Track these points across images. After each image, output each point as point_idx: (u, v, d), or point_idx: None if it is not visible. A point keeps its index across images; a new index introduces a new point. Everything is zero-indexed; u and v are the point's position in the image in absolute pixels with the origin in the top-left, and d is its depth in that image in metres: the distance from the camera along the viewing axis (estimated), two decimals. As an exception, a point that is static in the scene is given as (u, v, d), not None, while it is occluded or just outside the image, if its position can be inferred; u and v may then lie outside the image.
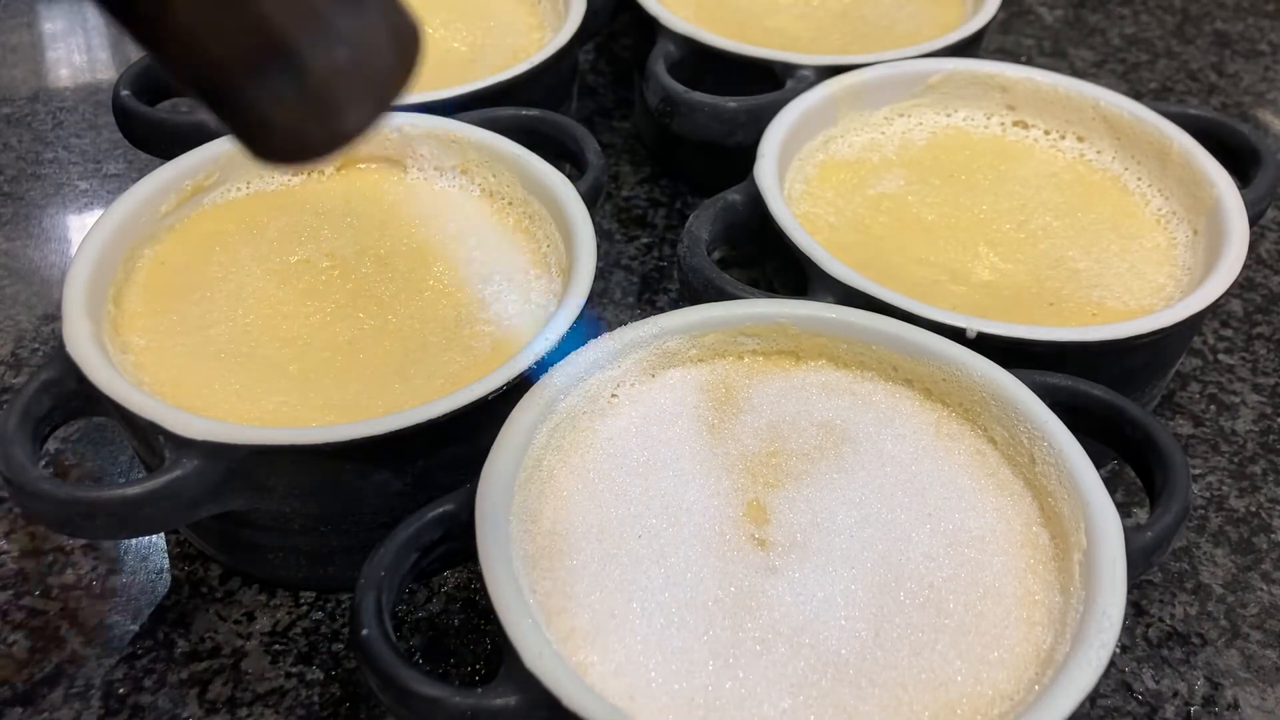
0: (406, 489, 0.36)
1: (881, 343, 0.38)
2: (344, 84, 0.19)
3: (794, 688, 0.30)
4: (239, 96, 0.18)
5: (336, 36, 0.18)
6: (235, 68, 0.18)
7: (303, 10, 0.18)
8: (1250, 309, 0.54)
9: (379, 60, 0.19)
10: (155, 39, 0.18)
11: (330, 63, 0.18)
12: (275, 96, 0.18)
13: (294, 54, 0.18)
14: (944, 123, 0.52)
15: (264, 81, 0.18)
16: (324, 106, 0.19)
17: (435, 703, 0.29)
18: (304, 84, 0.18)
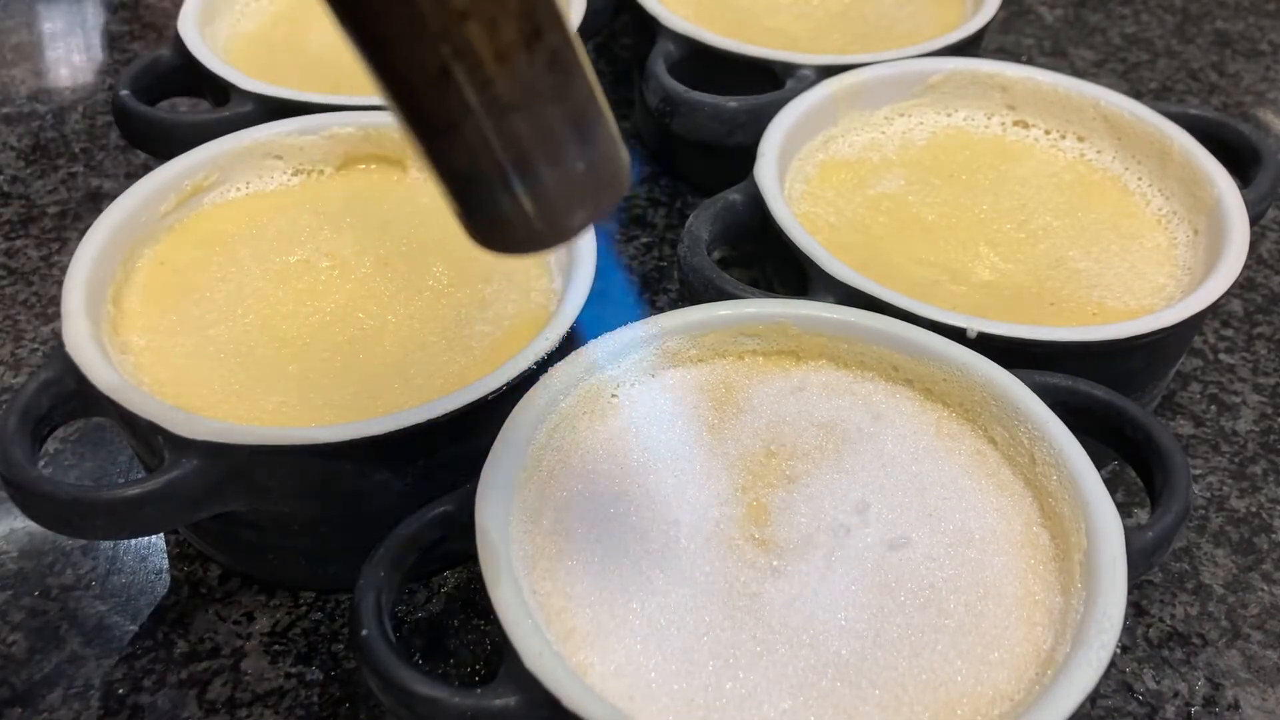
0: (406, 489, 0.36)
1: (882, 343, 0.38)
2: (572, 196, 0.23)
3: (794, 688, 0.30)
4: (486, 198, 0.22)
5: (571, 158, 0.22)
6: (491, 175, 0.22)
7: (549, 136, 0.22)
8: (1251, 309, 0.54)
9: (599, 181, 0.23)
10: (434, 145, 0.22)
11: (564, 179, 0.22)
12: (516, 202, 0.22)
13: (536, 170, 0.22)
14: (944, 122, 0.52)
15: (509, 188, 0.22)
16: (554, 212, 0.23)
17: (435, 703, 0.28)
18: (540, 194, 0.22)
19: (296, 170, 0.46)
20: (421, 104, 0.21)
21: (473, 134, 0.21)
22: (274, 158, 0.46)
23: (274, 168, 0.46)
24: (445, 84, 0.20)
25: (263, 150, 0.45)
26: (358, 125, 0.46)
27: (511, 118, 0.21)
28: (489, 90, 0.21)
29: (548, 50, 0.21)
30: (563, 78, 0.21)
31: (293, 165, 0.46)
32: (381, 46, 0.21)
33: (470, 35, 0.20)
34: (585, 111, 0.22)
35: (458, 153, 0.22)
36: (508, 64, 0.20)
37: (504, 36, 0.20)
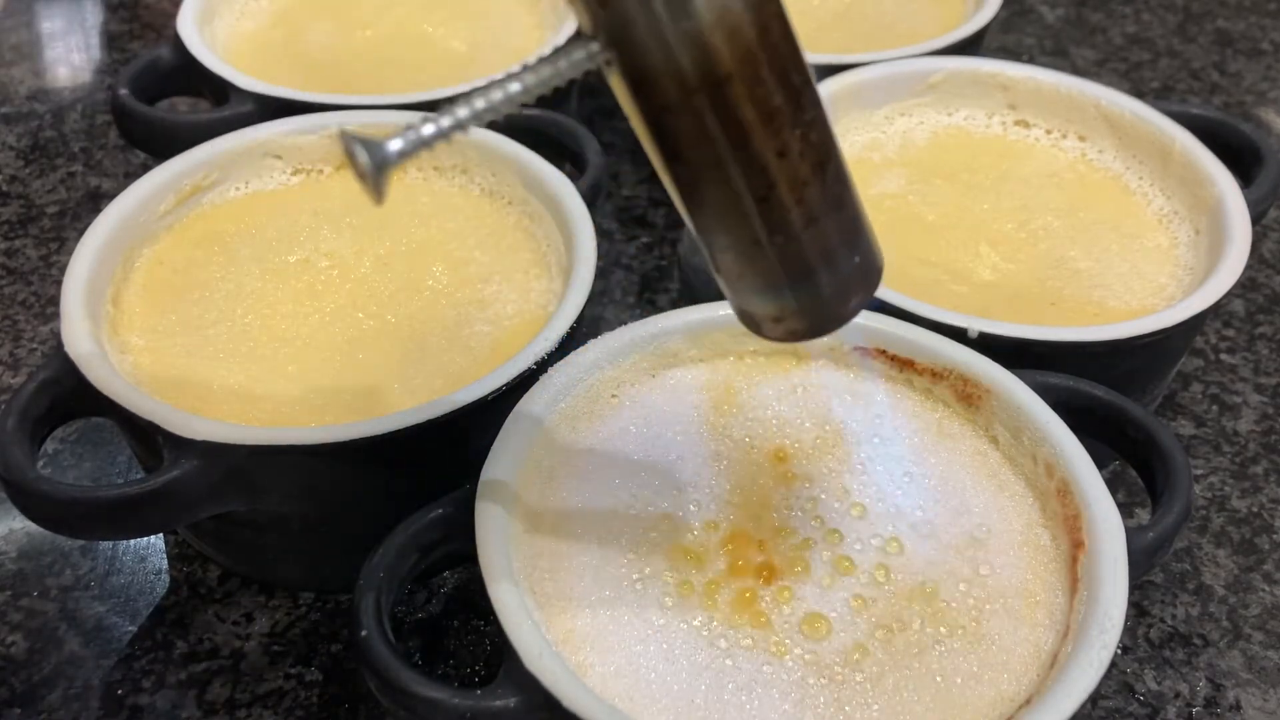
0: (405, 490, 0.36)
1: (882, 343, 0.38)
2: (847, 293, 0.27)
3: (794, 689, 0.30)
4: (758, 297, 0.27)
5: (848, 261, 0.26)
6: (768, 283, 0.26)
7: (831, 245, 0.26)
8: (1252, 309, 0.53)
9: (863, 282, 0.27)
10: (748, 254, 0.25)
11: (844, 278, 0.26)
12: (783, 306, 0.26)
13: (818, 273, 0.26)
14: (945, 122, 0.52)
15: (781, 296, 0.26)
16: (810, 318, 0.27)
17: (435, 704, 0.28)
18: (826, 291, 0.26)
19: (296, 170, 0.46)
20: (706, 220, 0.25)
21: (748, 247, 0.25)
22: (273, 157, 0.46)
23: (273, 167, 0.46)
24: (766, 204, 0.24)
25: (262, 150, 0.45)
26: (357, 124, 0.46)
27: (811, 229, 0.25)
28: (800, 207, 0.25)
29: (835, 169, 0.25)
30: (843, 190, 0.25)
31: (292, 165, 0.46)
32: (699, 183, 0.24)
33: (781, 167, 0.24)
34: (857, 220, 0.26)
35: (738, 260, 0.26)
36: (811, 185, 0.24)
37: (804, 168, 0.24)
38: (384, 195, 0.21)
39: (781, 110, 0.23)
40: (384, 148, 0.21)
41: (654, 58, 0.22)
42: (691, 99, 0.22)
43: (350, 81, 0.53)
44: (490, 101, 0.22)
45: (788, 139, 0.23)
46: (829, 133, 0.24)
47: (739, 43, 0.22)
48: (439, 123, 0.21)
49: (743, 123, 0.23)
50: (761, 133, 0.23)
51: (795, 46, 0.23)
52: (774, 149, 0.23)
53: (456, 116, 0.22)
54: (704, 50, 0.22)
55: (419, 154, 0.21)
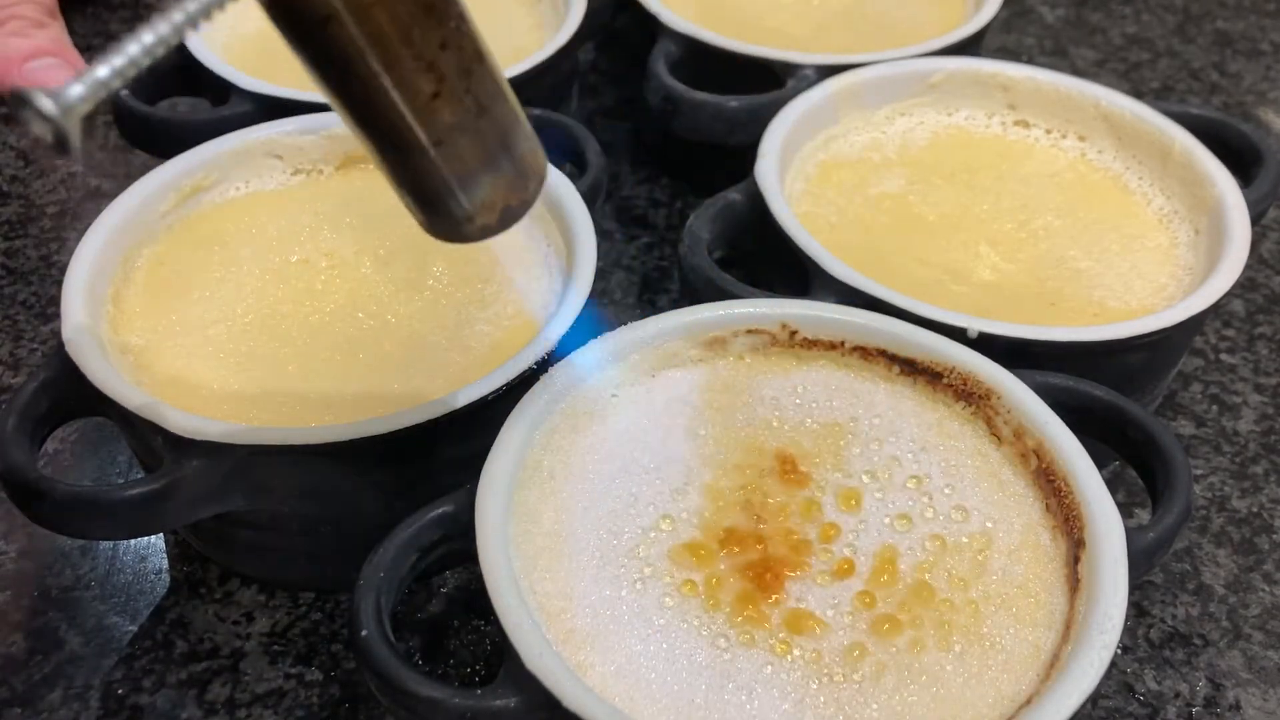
0: (405, 489, 0.36)
1: (882, 343, 0.38)
2: (498, 204, 0.28)
3: (795, 689, 0.30)
4: (436, 204, 0.28)
5: (497, 176, 0.28)
6: (441, 190, 0.27)
7: (485, 157, 0.27)
8: (1252, 309, 0.53)
9: (524, 186, 0.29)
10: (395, 167, 0.27)
11: (492, 193, 0.28)
12: (463, 208, 0.28)
13: (477, 184, 0.27)
14: (945, 122, 0.52)
15: (457, 199, 0.27)
16: (491, 213, 0.28)
17: (435, 704, 0.28)
18: (481, 201, 0.28)
19: (296, 170, 0.46)
20: (381, 134, 0.26)
21: (419, 157, 0.26)
22: (274, 157, 0.46)
23: (274, 167, 0.46)
24: (400, 119, 0.25)
25: (262, 150, 0.45)
26: None
27: (484, 118, 0.26)
28: (432, 121, 0.25)
29: (490, 59, 0.26)
30: (500, 79, 0.27)
31: (292, 165, 0.46)
32: (355, 98, 0.25)
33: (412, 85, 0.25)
34: (507, 128, 0.27)
35: (411, 172, 0.27)
36: (475, 73, 0.26)
37: (427, 86, 0.25)
38: (75, 145, 0.20)
39: (435, 3, 0.24)
40: (64, 93, 0.20)
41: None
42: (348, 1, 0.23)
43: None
44: (159, 34, 0.21)
45: (447, 30, 0.25)
46: (473, 25, 0.26)
47: None
48: (111, 62, 0.21)
49: (403, 17, 0.24)
50: (423, 26, 0.24)
51: None
52: (438, 42, 0.24)
53: (128, 53, 0.21)
54: None
55: (98, 97, 0.20)
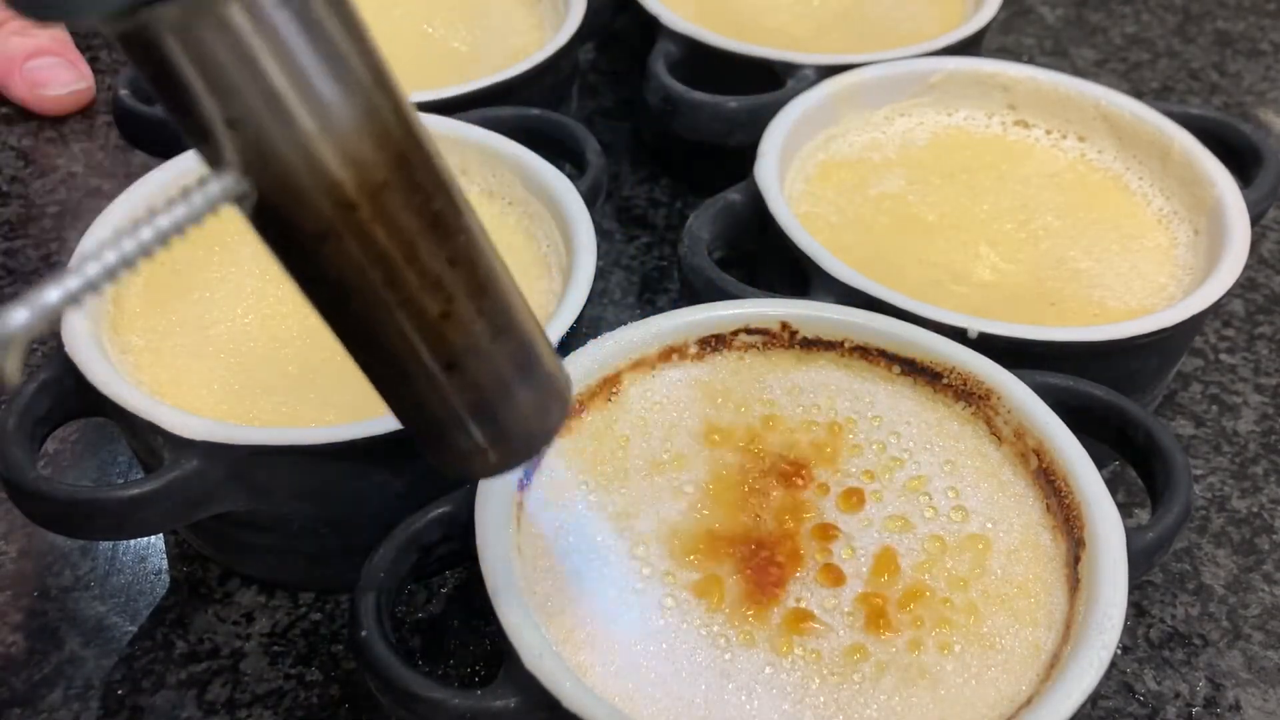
0: (406, 489, 0.36)
1: (882, 343, 0.38)
2: (520, 432, 0.25)
3: (795, 689, 0.30)
4: (448, 437, 0.25)
5: (516, 404, 0.25)
6: (447, 420, 0.24)
7: (496, 388, 0.24)
8: (1252, 309, 0.53)
9: (546, 415, 0.26)
10: (396, 398, 0.24)
11: (512, 422, 0.25)
12: (474, 441, 0.25)
13: (491, 413, 0.24)
14: (945, 122, 0.52)
15: (468, 431, 0.24)
16: (507, 447, 0.25)
17: (435, 704, 0.28)
18: (496, 433, 0.25)
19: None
20: (383, 360, 0.23)
21: (425, 385, 0.23)
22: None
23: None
24: (403, 343, 0.22)
25: (262, 150, 0.45)
26: None
27: (501, 340, 0.24)
28: (440, 344, 0.23)
29: (504, 272, 0.24)
30: (517, 294, 0.24)
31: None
32: (353, 322, 0.23)
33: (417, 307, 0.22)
34: (525, 351, 0.24)
35: (415, 401, 0.24)
36: (489, 291, 0.23)
37: (479, 273, 0.23)
38: (15, 377, 0.17)
39: (444, 214, 0.22)
40: (5, 321, 0.17)
41: (297, 176, 0.19)
42: (349, 216, 0.20)
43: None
44: (123, 254, 0.19)
45: (456, 245, 0.22)
46: (486, 237, 0.23)
47: (390, 145, 0.20)
48: (66, 285, 0.18)
49: (409, 231, 0.21)
50: (430, 240, 0.21)
51: (434, 147, 0.21)
52: (446, 257, 0.22)
53: (86, 276, 0.18)
54: (356, 157, 0.20)
55: (46, 324, 0.18)
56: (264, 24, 0.18)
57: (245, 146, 0.19)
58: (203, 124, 0.19)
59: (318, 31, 0.19)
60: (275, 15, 0.18)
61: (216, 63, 0.18)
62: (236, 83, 0.18)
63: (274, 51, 0.19)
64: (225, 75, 0.18)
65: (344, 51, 0.19)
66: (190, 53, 0.18)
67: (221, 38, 0.18)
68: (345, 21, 0.20)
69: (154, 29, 0.18)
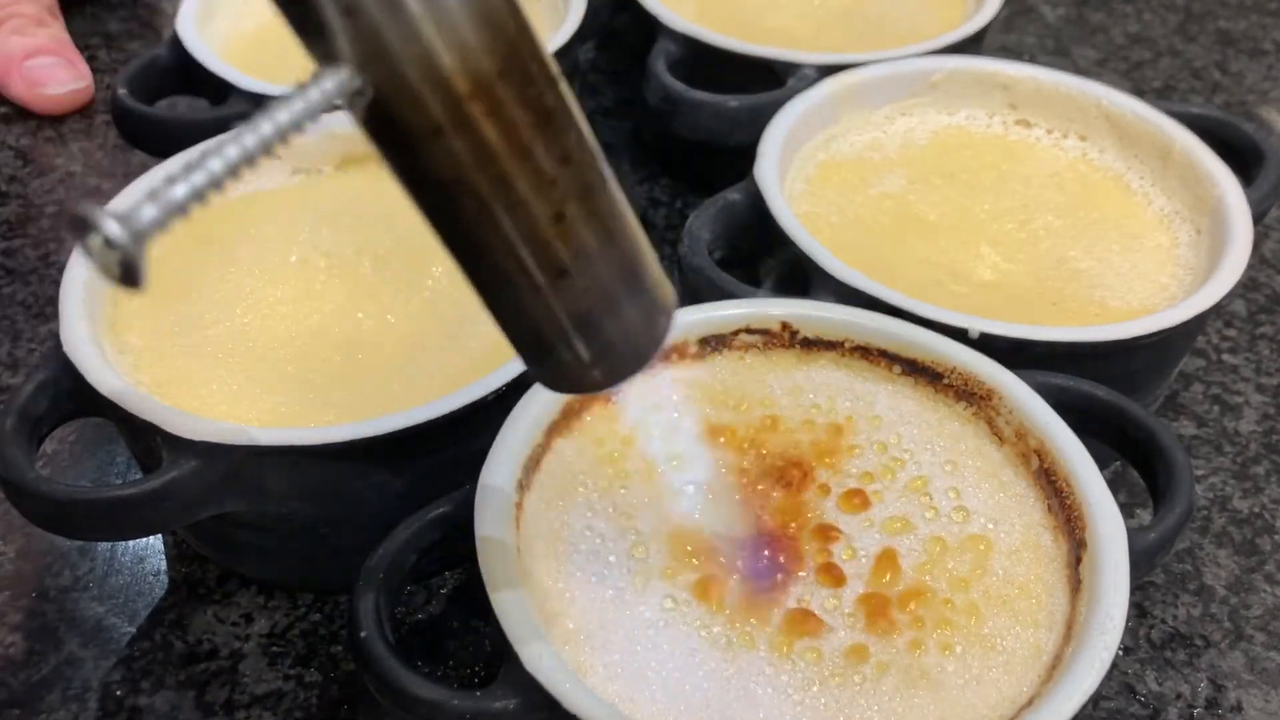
0: (405, 490, 0.36)
1: (883, 343, 0.37)
2: (625, 346, 0.25)
3: (795, 690, 0.30)
4: (553, 350, 0.24)
5: (623, 314, 0.24)
6: (555, 332, 0.24)
7: (605, 297, 0.23)
8: (1254, 309, 0.53)
9: (652, 328, 0.25)
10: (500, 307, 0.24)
11: (619, 333, 0.24)
12: (578, 355, 0.24)
13: (599, 325, 0.24)
14: (946, 122, 0.52)
15: (572, 344, 0.24)
16: (613, 361, 0.25)
17: (434, 705, 0.28)
18: (602, 346, 0.24)
19: (295, 169, 0.46)
20: (491, 267, 0.23)
21: (533, 293, 0.23)
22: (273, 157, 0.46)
23: (273, 167, 0.46)
24: (514, 249, 0.22)
25: (262, 149, 0.45)
26: None
27: (611, 245, 0.23)
28: (551, 251, 0.22)
29: (610, 175, 0.23)
30: (622, 198, 0.23)
31: (292, 164, 0.46)
32: (463, 225, 0.22)
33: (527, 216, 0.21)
34: (634, 258, 0.24)
35: (521, 311, 0.24)
36: (599, 191, 0.22)
37: (546, 209, 0.22)
38: (142, 277, 0.17)
39: (556, 108, 0.21)
40: (136, 216, 0.18)
41: (416, 68, 0.19)
42: (465, 108, 0.20)
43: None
44: (244, 148, 0.19)
45: (568, 142, 0.21)
46: (594, 137, 0.22)
47: (502, 36, 0.20)
48: (191, 181, 0.18)
49: (523, 126, 0.20)
50: (546, 135, 0.21)
51: (542, 44, 0.21)
52: (559, 154, 0.21)
53: (210, 171, 0.18)
54: (470, 47, 0.19)
55: (173, 220, 0.18)
56: None
57: (361, 36, 0.19)
58: (319, 14, 0.18)
59: None
60: None
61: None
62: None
63: None
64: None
65: None
66: None
67: None
68: None
69: None
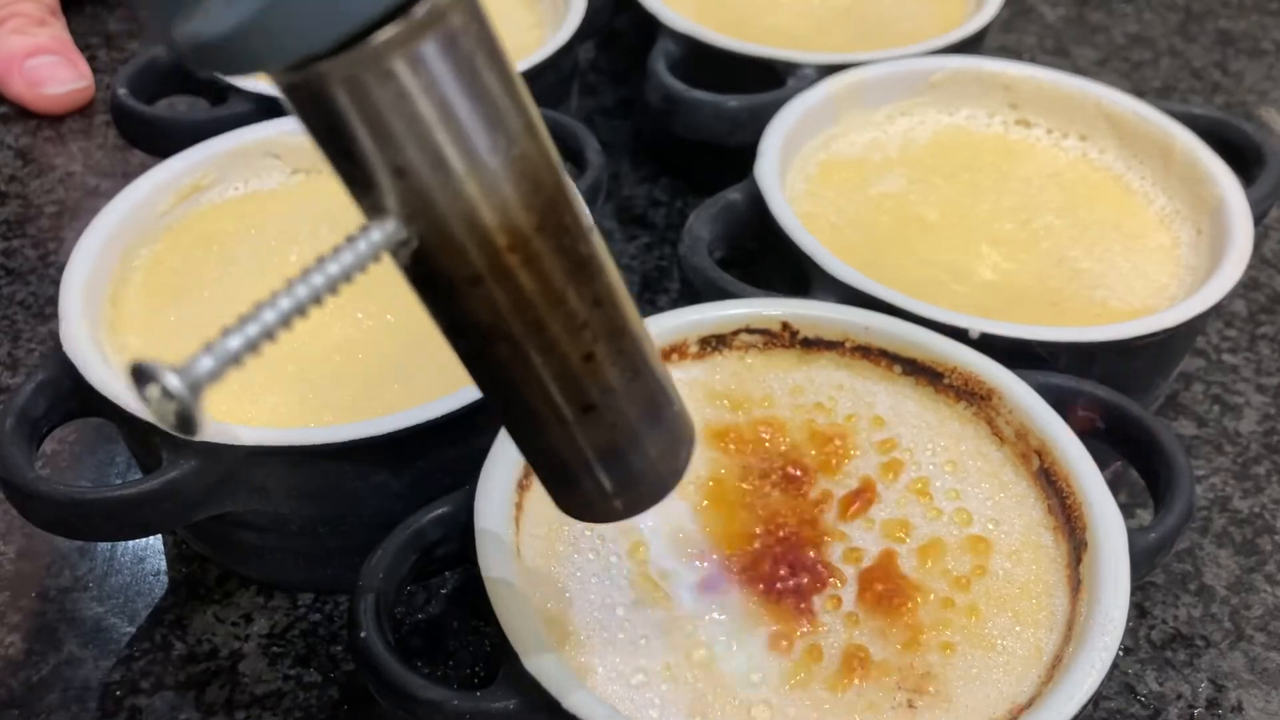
0: (405, 490, 0.36)
1: (883, 343, 0.37)
2: (648, 477, 0.25)
3: (796, 690, 0.29)
4: (577, 481, 0.25)
5: (645, 447, 0.24)
6: (579, 465, 0.24)
7: (629, 431, 0.24)
8: (1254, 309, 0.53)
9: (674, 458, 0.26)
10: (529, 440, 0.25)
11: (642, 465, 0.25)
12: (600, 484, 0.25)
13: (623, 457, 0.24)
14: (946, 121, 0.52)
15: (595, 476, 0.25)
16: (635, 491, 0.25)
17: (434, 706, 0.28)
18: (625, 477, 0.25)
19: (295, 169, 0.46)
20: (522, 404, 0.23)
21: (560, 428, 0.24)
22: (272, 157, 0.46)
23: (272, 167, 0.46)
24: (544, 387, 0.23)
25: (261, 149, 0.45)
26: None
27: (636, 381, 0.24)
28: (580, 389, 0.23)
29: (637, 314, 0.24)
30: (632, 375, 0.24)
31: (291, 164, 0.46)
32: (497, 365, 0.23)
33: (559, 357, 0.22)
34: (657, 391, 0.25)
35: (548, 445, 0.24)
36: (627, 331, 0.23)
37: (617, 315, 0.23)
38: (199, 425, 0.18)
39: (589, 256, 0.22)
40: (193, 369, 0.19)
41: (459, 222, 0.20)
42: (504, 259, 0.21)
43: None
44: (296, 299, 0.20)
45: (598, 288, 0.22)
46: (620, 279, 0.23)
47: (541, 192, 0.21)
48: (245, 332, 0.19)
49: (557, 274, 0.21)
50: (578, 281, 0.22)
51: (576, 195, 0.22)
52: (591, 298, 0.22)
53: (264, 322, 0.19)
54: (510, 204, 0.20)
55: (228, 369, 0.19)
56: (428, 77, 0.19)
57: (409, 194, 0.20)
58: (368, 173, 0.20)
59: (478, 83, 0.19)
60: (438, 67, 0.19)
61: (384, 114, 0.19)
62: (403, 133, 0.19)
63: (437, 103, 0.19)
64: (392, 126, 0.19)
65: (501, 102, 0.20)
66: (359, 104, 0.19)
67: (389, 89, 0.19)
68: (501, 73, 0.20)
69: (324, 82, 0.18)
